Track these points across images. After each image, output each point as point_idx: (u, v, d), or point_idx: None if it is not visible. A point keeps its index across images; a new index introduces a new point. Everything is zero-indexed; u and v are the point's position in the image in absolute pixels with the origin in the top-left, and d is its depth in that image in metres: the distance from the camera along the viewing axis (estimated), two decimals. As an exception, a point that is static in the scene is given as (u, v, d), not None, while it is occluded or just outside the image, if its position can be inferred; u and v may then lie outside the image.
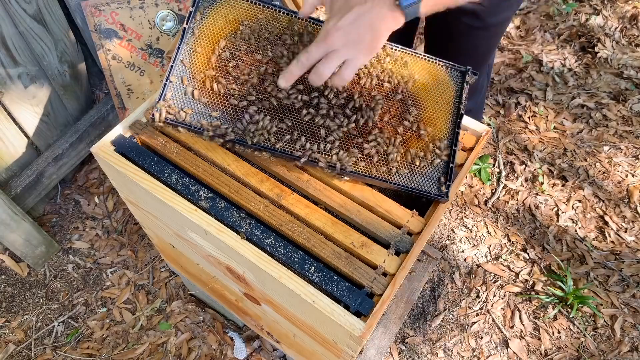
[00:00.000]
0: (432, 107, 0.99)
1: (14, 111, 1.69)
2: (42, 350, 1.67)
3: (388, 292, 0.82)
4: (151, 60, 1.76)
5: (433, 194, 0.94)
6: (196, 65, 0.96)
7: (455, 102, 1.00)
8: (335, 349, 0.93)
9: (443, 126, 0.98)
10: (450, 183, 0.94)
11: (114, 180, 1.08)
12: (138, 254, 1.87)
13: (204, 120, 0.94)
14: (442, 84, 1.01)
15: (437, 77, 1.01)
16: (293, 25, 0.98)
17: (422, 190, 0.94)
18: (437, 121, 0.98)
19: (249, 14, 0.98)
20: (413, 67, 1.00)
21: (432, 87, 1.00)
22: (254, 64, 0.96)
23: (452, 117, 0.99)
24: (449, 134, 0.97)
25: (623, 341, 1.70)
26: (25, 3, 1.58)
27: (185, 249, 1.17)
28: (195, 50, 0.96)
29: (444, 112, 0.99)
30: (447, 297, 1.81)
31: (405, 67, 0.99)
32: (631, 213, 1.98)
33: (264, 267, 0.83)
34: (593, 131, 2.23)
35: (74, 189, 2.02)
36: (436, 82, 1.00)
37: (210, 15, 0.97)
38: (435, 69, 1.01)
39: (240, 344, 1.65)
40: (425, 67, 1.01)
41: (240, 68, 0.96)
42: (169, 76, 0.95)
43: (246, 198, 0.91)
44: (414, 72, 1.00)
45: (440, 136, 0.97)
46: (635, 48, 2.52)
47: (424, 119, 0.97)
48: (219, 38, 0.97)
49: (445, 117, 0.98)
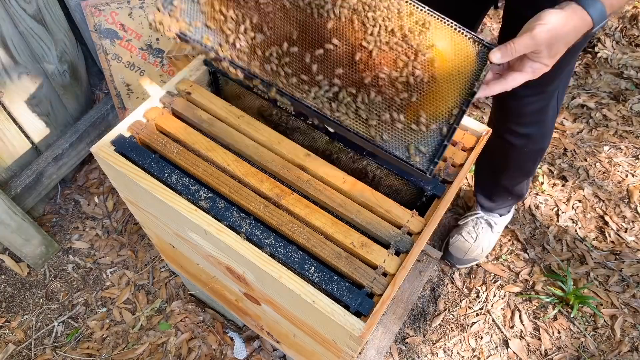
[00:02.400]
0: (444, 78, 0.91)
1: (14, 111, 1.70)
2: (42, 350, 1.67)
3: (388, 292, 0.82)
4: (151, 60, 1.76)
5: (416, 166, 0.87)
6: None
7: (472, 78, 0.92)
8: (335, 349, 0.93)
9: (451, 101, 0.90)
10: (438, 160, 0.87)
11: (114, 180, 1.08)
12: (138, 254, 1.87)
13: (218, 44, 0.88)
14: (462, 56, 0.93)
15: (458, 48, 0.93)
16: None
17: (403, 158, 0.87)
18: (445, 94, 0.90)
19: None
20: (435, 32, 0.92)
21: (450, 56, 0.92)
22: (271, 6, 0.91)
23: (463, 93, 0.91)
24: (455, 110, 0.90)
25: (623, 341, 1.70)
26: (25, 3, 1.58)
27: (185, 249, 1.17)
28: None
29: (455, 86, 0.91)
30: (447, 297, 1.81)
31: (427, 30, 0.92)
32: (631, 213, 1.98)
33: (264, 267, 0.83)
34: (593, 131, 2.23)
35: (74, 189, 2.02)
36: (455, 52, 0.93)
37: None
38: (459, 40, 0.94)
39: (240, 344, 1.65)
40: (447, 34, 0.93)
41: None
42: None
43: (246, 198, 0.91)
44: (435, 37, 0.92)
45: (441, 111, 0.90)
46: (635, 48, 2.52)
47: (432, 88, 0.90)
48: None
49: (455, 91, 0.91)
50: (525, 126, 1.40)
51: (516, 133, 1.42)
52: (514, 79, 0.90)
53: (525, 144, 1.45)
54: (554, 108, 1.39)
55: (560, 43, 0.84)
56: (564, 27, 0.83)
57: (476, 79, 0.92)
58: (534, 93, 1.30)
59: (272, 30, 0.92)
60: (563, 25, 0.83)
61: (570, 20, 0.83)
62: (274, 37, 0.91)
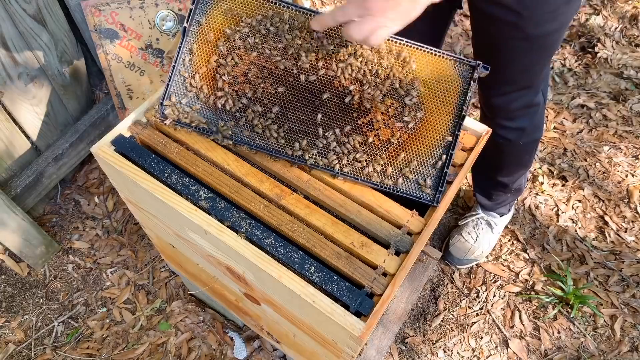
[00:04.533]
0: (433, 106, 0.95)
1: (14, 111, 1.69)
2: (42, 350, 1.67)
3: (388, 292, 0.82)
4: (151, 60, 1.76)
5: (424, 199, 0.93)
6: (198, 63, 0.96)
7: (460, 101, 0.95)
8: (335, 349, 0.93)
9: (443, 128, 0.95)
10: (442, 189, 0.92)
11: (114, 180, 1.08)
12: (138, 254, 1.87)
13: (211, 122, 0.95)
14: (447, 80, 0.95)
15: (442, 73, 0.96)
16: (294, 20, 0.96)
17: (412, 194, 0.93)
18: (436, 122, 0.95)
19: (250, 9, 0.97)
20: (416, 62, 0.95)
21: (435, 83, 0.95)
22: (256, 61, 0.96)
23: (453, 118, 0.95)
24: (448, 134, 0.94)
25: (623, 341, 1.70)
26: (25, 3, 1.58)
27: (185, 249, 1.17)
28: (197, 49, 0.96)
29: (444, 112, 0.95)
30: (447, 297, 1.81)
31: (407, 62, 0.95)
32: (631, 213, 1.98)
33: (264, 267, 0.83)
34: (593, 131, 2.23)
35: (74, 189, 2.02)
36: (439, 78, 0.95)
37: (210, 13, 0.97)
38: (440, 63, 0.96)
39: (240, 344, 1.65)
40: (429, 61, 0.96)
41: (241, 67, 0.96)
42: (172, 77, 0.95)
43: (246, 198, 0.91)
44: (417, 67, 0.95)
45: (437, 139, 0.95)
46: (635, 48, 2.52)
47: (423, 120, 0.95)
48: (221, 36, 0.97)
49: (445, 117, 0.95)
50: (515, 120, 1.41)
51: (508, 128, 1.42)
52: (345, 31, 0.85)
53: (519, 137, 1.45)
54: (541, 100, 1.40)
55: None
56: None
57: (463, 102, 0.95)
58: (518, 89, 1.31)
59: (267, 98, 0.96)
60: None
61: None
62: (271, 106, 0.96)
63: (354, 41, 0.88)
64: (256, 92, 0.95)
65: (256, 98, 0.95)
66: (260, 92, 0.95)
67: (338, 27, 0.93)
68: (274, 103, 0.95)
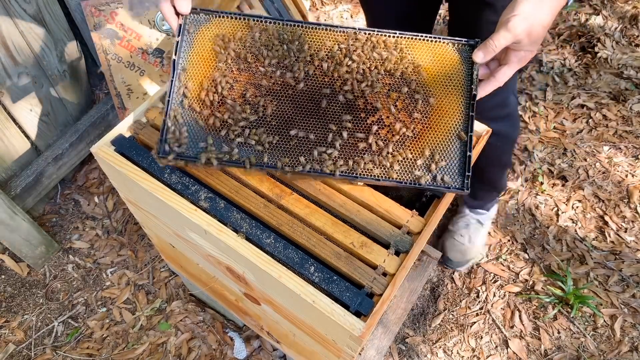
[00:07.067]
0: (442, 92, 0.92)
1: (14, 111, 1.70)
2: (42, 350, 1.67)
3: (388, 292, 0.82)
4: (151, 60, 1.76)
5: (453, 187, 0.89)
6: (192, 93, 0.92)
7: (467, 81, 0.93)
8: (335, 349, 0.93)
9: (456, 113, 0.92)
10: (469, 173, 0.89)
11: (114, 180, 1.08)
12: (138, 254, 1.87)
13: (217, 151, 0.90)
14: (450, 64, 0.94)
15: (443, 58, 0.94)
16: (283, 34, 0.94)
17: (439, 185, 0.89)
18: (448, 107, 0.92)
19: (238, 31, 0.94)
20: (415, 51, 0.94)
21: (438, 69, 0.93)
22: (251, 82, 0.92)
23: (464, 100, 0.92)
24: (463, 121, 0.91)
25: (623, 341, 1.70)
26: (25, 3, 1.58)
27: (185, 249, 1.17)
28: (188, 82, 0.92)
29: (455, 97, 0.92)
30: (447, 297, 1.81)
31: (406, 54, 0.94)
32: (631, 213, 1.98)
33: (264, 267, 0.83)
34: (593, 131, 2.23)
35: (74, 189, 2.02)
36: (442, 64, 0.94)
37: (197, 41, 0.93)
38: (439, 49, 0.94)
39: (240, 344, 1.65)
40: (428, 48, 0.94)
41: (237, 90, 0.92)
42: (168, 112, 0.90)
43: (246, 198, 0.91)
44: (417, 57, 0.94)
45: (453, 126, 0.91)
46: (635, 48, 2.52)
47: (435, 107, 0.92)
48: (212, 62, 0.93)
49: (457, 101, 0.92)
50: (493, 122, 1.42)
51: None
52: (504, 73, 0.90)
53: (496, 140, 1.47)
54: (514, 99, 1.43)
55: (538, 28, 0.83)
56: (538, 12, 0.82)
57: (471, 81, 0.93)
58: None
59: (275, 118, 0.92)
60: (537, 11, 0.82)
61: (543, 3, 0.82)
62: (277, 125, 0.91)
63: (512, 71, 0.90)
64: (258, 112, 0.91)
65: (259, 118, 0.91)
66: (261, 112, 0.91)
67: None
68: (279, 121, 0.91)
